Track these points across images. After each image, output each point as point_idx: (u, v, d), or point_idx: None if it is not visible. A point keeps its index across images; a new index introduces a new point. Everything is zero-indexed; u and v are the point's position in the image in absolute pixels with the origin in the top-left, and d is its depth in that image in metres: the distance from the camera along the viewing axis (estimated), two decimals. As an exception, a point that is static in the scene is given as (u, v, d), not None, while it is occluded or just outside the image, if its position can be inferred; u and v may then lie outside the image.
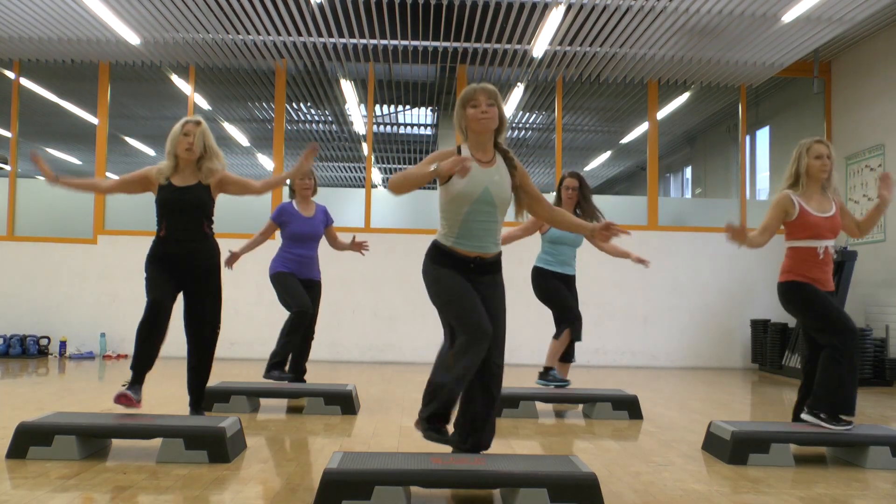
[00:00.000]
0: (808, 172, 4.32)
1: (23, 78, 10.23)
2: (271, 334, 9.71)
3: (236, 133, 13.89)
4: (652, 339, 9.89)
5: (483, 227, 3.38)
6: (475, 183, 3.35)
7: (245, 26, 8.53)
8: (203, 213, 4.33)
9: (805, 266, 4.26)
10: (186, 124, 4.31)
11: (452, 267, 3.41)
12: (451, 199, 3.37)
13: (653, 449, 4.36)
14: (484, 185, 3.36)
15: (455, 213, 3.38)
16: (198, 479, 3.39)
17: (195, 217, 4.31)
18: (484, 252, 3.41)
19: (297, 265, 5.86)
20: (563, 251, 5.77)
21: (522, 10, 8.00)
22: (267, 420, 5.15)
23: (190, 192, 4.29)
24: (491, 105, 3.39)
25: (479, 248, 3.40)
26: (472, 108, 3.41)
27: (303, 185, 5.93)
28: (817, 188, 4.34)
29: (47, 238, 9.83)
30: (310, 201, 6.03)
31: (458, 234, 3.39)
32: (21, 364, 8.56)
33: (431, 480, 2.99)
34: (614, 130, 13.61)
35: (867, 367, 8.19)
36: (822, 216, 4.26)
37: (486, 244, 3.41)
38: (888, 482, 3.67)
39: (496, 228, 3.45)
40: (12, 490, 3.14)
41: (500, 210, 3.42)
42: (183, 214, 4.29)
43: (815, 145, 4.33)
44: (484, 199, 3.36)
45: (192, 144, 4.26)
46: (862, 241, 9.39)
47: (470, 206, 3.35)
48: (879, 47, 9.20)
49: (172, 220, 4.29)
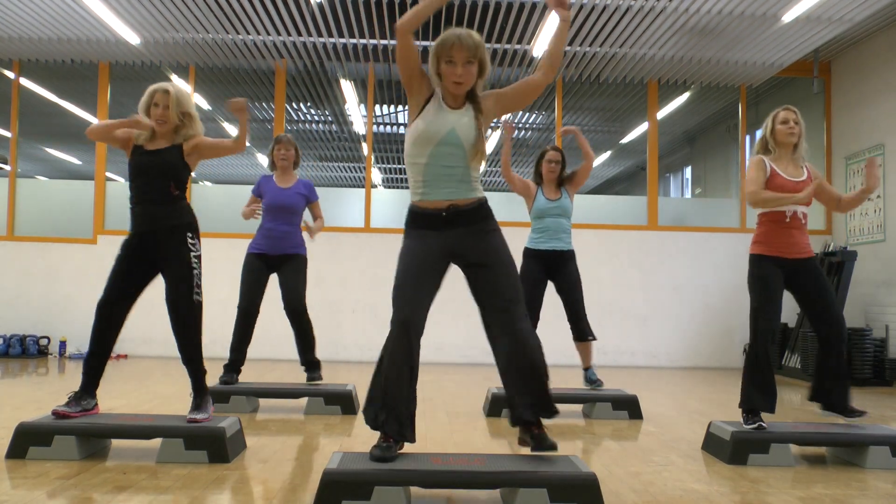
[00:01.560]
0: (775, 138, 4.39)
1: (23, 78, 10.23)
2: (270, 334, 9.70)
3: (236, 133, 13.86)
4: (652, 339, 9.89)
5: (450, 171, 3.14)
6: (440, 123, 3.12)
7: (245, 26, 8.54)
8: (172, 175, 4.01)
9: (773, 231, 4.28)
10: (156, 94, 4.00)
11: (425, 225, 3.15)
12: (415, 140, 3.15)
13: (653, 449, 4.36)
14: (450, 125, 3.13)
15: (418, 157, 3.15)
16: (198, 479, 3.39)
17: (163, 179, 3.99)
18: (456, 198, 3.14)
19: (267, 240, 5.57)
20: (548, 223, 5.68)
21: (522, 10, 8.00)
22: (267, 420, 5.15)
23: (159, 155, 4.02)
24: (469, 63, 3.10)
25: (449, 195, 3.14)
26: (447, 64, 3.11)
27: (279, 155, 5.68)
28: (787, 153, 4.39)
29: (47, 238, 9.83)
30: (290, 173, 5.73)
31: (425, 184, 3.15)
32: (21, 364, 8.56)
33: (431, 480, 2.99)
34: (614, 130, 13.60)
35: (867, 367, 8.20)
36: (792, 180, 4.30)
37: (458, 189, 3.14)
38: (888, 482, 3.67)
39: (468, 174, 3.17)
40: (12, 490, 3.14)
41: (469, 153, 3.15)
42: (149, 176, 3.99)
43: (781, 112, 4.43)
44: (449, 140, 3.12)
45: (164, 117, 4.00)
46: (862, 241, 9.40)
47: (434, 147, 3.12)
48: (879, 47, 9.20)
49: (139, 182, 4.01)
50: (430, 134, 3.12)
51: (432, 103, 3.18)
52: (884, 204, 9.06)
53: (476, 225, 3.17)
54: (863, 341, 8.20)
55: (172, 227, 4.00)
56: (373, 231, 9.88)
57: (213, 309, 9.40)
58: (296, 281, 5.57)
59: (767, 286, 4.27)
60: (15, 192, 9.95)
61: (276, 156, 5.71)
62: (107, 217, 9.91)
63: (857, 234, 9.57)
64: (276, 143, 5.77)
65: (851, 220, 9.71)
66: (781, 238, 4.27)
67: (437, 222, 3.15)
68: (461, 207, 3.15)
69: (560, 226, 5.70)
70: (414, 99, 3.21)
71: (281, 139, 5.74)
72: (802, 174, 4.36)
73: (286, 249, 5.59)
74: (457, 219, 3.14)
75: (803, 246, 4.30)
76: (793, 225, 4.27)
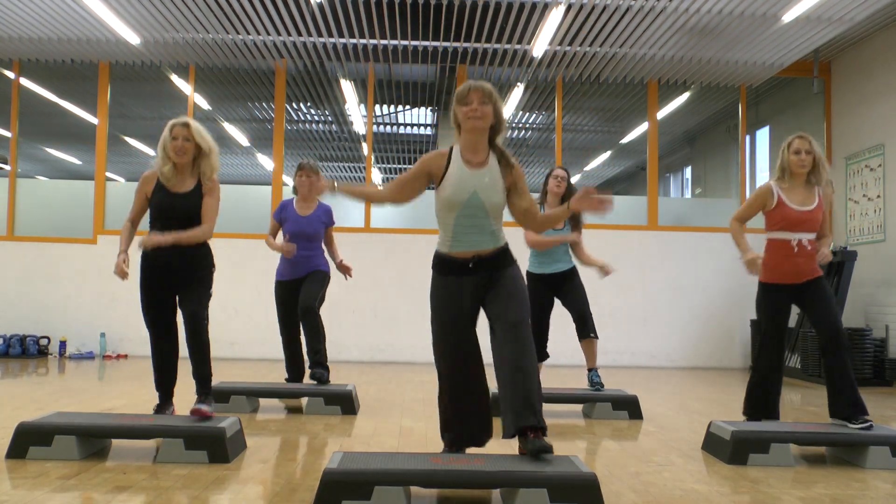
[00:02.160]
0: (788, 167, 4.42)
1: (23, 78, 10.23)
2: (271, 335, 9.69)
3: (236, 133, 13.89)
4: (652, 339, 9.89)
5: (475, 229, 3.36)
6: (463, 187, 3.32)
7: (245, 26, 8.53)
8: (189, 220, 4.19)
9: (778, 258, 4.38)
10: (174, 128, 4.17)
11: (453, 273, 3.40)
12: (442, 205, 3.38)
13: (653, 449, 4.36)
14: (472, 188, 3.32)
15: (446, 218, 3.39)
16: (198, 479, 3.39)
17: (182, 224, 4.17)
18: (481, 249, 3.37)
19: (289, 266, 5.78)
20: (549, 250, 5.71)
21: (522, 10, 8.00)
22: (267, 420, 5.15)
23: (185, 199, 4.19)
24: (484, 104, 3.33)
25: (475, 247, 3.37)
26: (465, 105, 3.35)
27: (301, 182, 5.76)
28: (800, 182, 4.43)
29: (47, 238, 9.83)
30: (311, 199, 5.84)
31: (452, 239, 3.39)
32: (21, 364, 8.56)
33: (431, 480, 2.99)
34: (614, 130, 13.60)
35: (867, 367, 8.20)
36: (799, 209, 4.36)
37: (482, 241, 3.37)
38: (888, 482, 3.67)
39: (491, 227, 3.39)
40: (12, 490, 3.14)
41: (492, 214, 3.37)
42: (174, 220, 4.16)
43: (794, 141, 4.44)
44: (472, 203, 3.32)
45: (183, 149, 4.16)
46: (862, 241, 9.40)
47: (459, 210, 3.33)
48: (879, 47, 9.20)
49: (159, 226, 4.18)
50: (455, 200, 3.34)
51: (453, 166, 3.37)
52: (884, 204, 9.06)
53: (498, 271, 3.41)
54: (863, 341, 8.20)
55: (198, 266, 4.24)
56: (373, 231, 9.88)
57: (215, 309, 9.41)
58: (311, 286, 5.72)
59: (773, 316, 4.42)
60: (15, 192, 9.95)
61: (298, 182, 5.80)
62: (107, 217, 9.91)
63: (857, 234, 9.57)
64: (298, 169, 5.83)
65: (851, 220, 9.71)
66: (787, 266, 4.37)
67: (464, 270, 3.40)
68: (484, 257, 3.39)
69: (560, 249, 5.75)
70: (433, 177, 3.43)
71: (303, 166, 5.81)
72: (812, 203, 4.38)
73: (309, 270, 5.78)
74: (480, 266, 3.39)
75: (810, 271, 4.38)
76: (799, 255, 4.36)
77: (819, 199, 4.40)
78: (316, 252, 5.82)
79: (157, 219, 4.22)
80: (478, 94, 3.33)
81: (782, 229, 4.37)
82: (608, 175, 17.92)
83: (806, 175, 4.41)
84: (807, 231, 4.35)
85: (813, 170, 4.39)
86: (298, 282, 5.77)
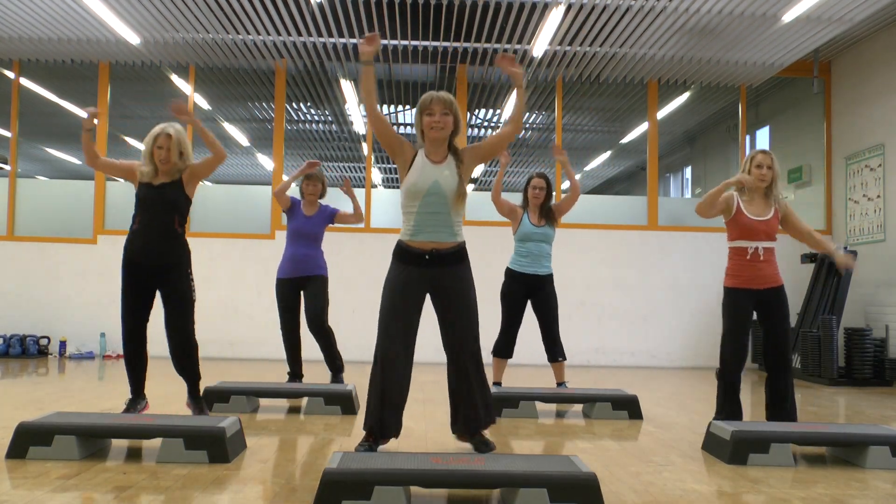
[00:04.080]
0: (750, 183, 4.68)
1: (23, 78, 10.23)
2: (271, 335, 9.69)
3: (236, 133, 13.89)
4: (652, 339, 9.89)
5: (435, 218, 3.69)
6: (426, 177, 3.68)
7: (245, 26, 8.54)
8: (176, 210, 4.52)
9: (737, 265, 4.65)
10: (159, 137, 4.50)
11: (410, 262, 3.71)
12: (405, 192, 3.70)
13: (653, 449, 4.36)
14: (434, 178, 3.68)
15: (410, 206, 3.71)
16: (198, 479, 3.39)
17: (168, 214, 4.49)
18: (438, 241, 3.69)
19: (290, 264, 6.09)
20: (531, 248, 5.92)
21: (522, 10, 8.00)
22: (267, 420, 5.15)
23: (164, 190, 4.50)
24: (445, 114, 3.67)
25: (434, 238, 3.69)
26: (427, 115, 3.70)
27: (307, 191, 6.14)
28: (760, 194, 4.72)
29: (47, 238, 9.83)
30: (315, 204, 6.21)
31: (413, 228, 3.70)
32: (21, 364, 8.56)
33: (431, 480, 2.99)
34: (614, 130, 13.61)
35: (867, 367, 8.20)
36: (755, 219, 4.64)
37: (440, 234, 3.69)
38: (888, 482, 3.67)
39: (451, 220, 3.73)
40: (12, 490, 3.14)
41: (452, 202, 3.70)
42: (155, 211, 4.48)
43: (757, 155, 4.74)
44: (434, 190, 3.67)
45: (167, 158, 4.49)
46: (862, 241, 9.40)
47: (422, 198, 3.67)
48: (879, 47, 9.20)
49: (147, 215, 4.49)
50: (419, 187, 3.68)
51: (418, 160, 3.75)
52: (884, 204, 9.06)
53: (451, 267, 3.74)
54: (863, 341, 8.20)
55: (175, 265, 4.50)
56: (373, 231, 9.88)
57: (215, 309, 9.43)
58: (315, 302, 6.03)
59: (735, 315, 4.64)
60: (15, 192, 9.96)
61: (305, 191, 6.18)
62: (107, 217, 9.91)
63: (857, 234, 9.57)
64: (305, 178, 6.19)
65: (851, 220, 9.71)
66: (748, 271, 4.63)
67: (421, 261, 3.71)
68: (442, 251, 3.72)
69: (542, 250, 5.95)
70: (399, 159, 3.78)
71: (310, 176, 6.16)
72: (768, 213, 4.66)
73: (310, 271, 6.07)
74: (436, 259, 3.71)
75: (770, 276, 4.63)
76: (754, 259, 4.61)
77: (775, 209, 4.68)
78: (317, 252, 6.16)
79: (140, 210, 4.52)
80: (439, 106, 3.68)
81: (740, 238, 4.64)
82: (608, 175, 17.92)
83: (764, 189, 4.70)
84: (764, 240, 4.62)
85: (771, 184, 4.69)
86: (299, 280, 6.08)
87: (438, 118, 3.68)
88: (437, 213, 3.68)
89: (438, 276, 3.72)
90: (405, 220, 3.76)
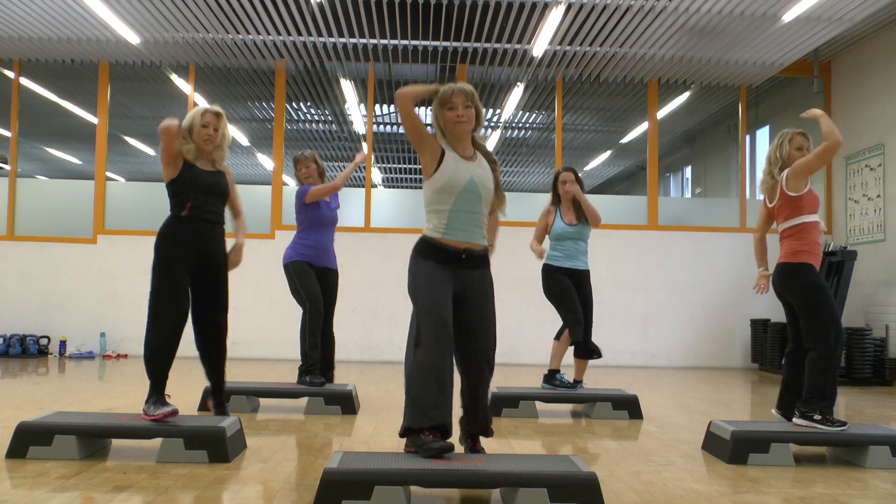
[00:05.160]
0: (789, 161, 4.40)
1: (23, 78, 10.23)
2: (272, 334, 9.70)
3: (236, 133, 13.89)
4: (652, 339, 9.89)
5: (470, 217, 3.46)
6: (461, 173, 3.44)
7: (245, 26, 8.53)
8: (225, 200, 4.33)
9: (815, 242, 4.34)
10: (206, 114, 4.17)
11: (442, 261, 3.45)
12: (438, 190, 3.44)
13: (653, 449, 4.36)
14: (469, 175, 3.45)
15: (442, 204, 3.45)
16: (198, 478, 3.39)
17: (221, 201, 4.29)
18: (473, 243, 3.48)
19: (313, 252, 5.71)
20: (568, 246, 5.79)
21: (522, 9, 8.00)
22: (267, 420, 5.15)
23: (218, 177, 4.26)
24: (468, 107, 3.46)
25: (468, 239, 3.46)
26: (450, 110, 3.46)
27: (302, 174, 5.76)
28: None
29: (47, 238, 9.82)
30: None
31: (447, 226, 3.46)
32: (21, 364, 8.56)
33: (431, 480, 2.99)
34: (614, 130, 13.60)
35: (867, 366, 8.20)
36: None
37: (475, 235, 3.49)
38: (888, 482, 3.67)
39: (482, 220, 3.53)
40: (12, 490, 3.14)
41: (485, 201, 3.51)
42: (211, 195, 4.19)
43: (797, 137, 4.44)
44: (469, 188, 3.44)
45: (213, 137, 4.17)
46: (862, 241, 9.40)
47: (457, 195, 3.43)
48: (879, 47, 9.20)
49: (201, 200, 4.14)
50: (454, 184, 3.43)
51: (449, 157, 3.48)
52: (884, 204, 9.06)
53: (480, 270, 3.54)
54: (863, 341, 8.20)
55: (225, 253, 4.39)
56: (373, 231, 9.88)
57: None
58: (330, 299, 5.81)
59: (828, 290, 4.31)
60: (15, 192, 9.95)
61: (299, 175, 5.80)
62: (107, 217, 9.90)
63: (857, 234, 9.57)
64: (295, 163, 5.85)
65: (851, 220, 9.71)
66: (818, 250, 4.36)
67: (455, 261, 3.47)
68: (475, 253, 3.51)
69: (578, 248, 5.82)
70: (427, 155, 3.49)
71: (299, 158, 5.81)
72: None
73: (328, 263, 5.81)
74: (469, 261, 3.49)
75: None
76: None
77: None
78: (332, 242, 5.89)
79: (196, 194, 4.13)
80: (461, 98, 3.45)
81: (814, 212, 4.35)
82: (608, 175, 17.91)
83: None
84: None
85: None
86: (320, 270, 5.74)
87: (462, 112, 3.44)
88: (470, 212, 3.46)
89: (467, 278, 3.48)
90: (435, 218, 3.47)
